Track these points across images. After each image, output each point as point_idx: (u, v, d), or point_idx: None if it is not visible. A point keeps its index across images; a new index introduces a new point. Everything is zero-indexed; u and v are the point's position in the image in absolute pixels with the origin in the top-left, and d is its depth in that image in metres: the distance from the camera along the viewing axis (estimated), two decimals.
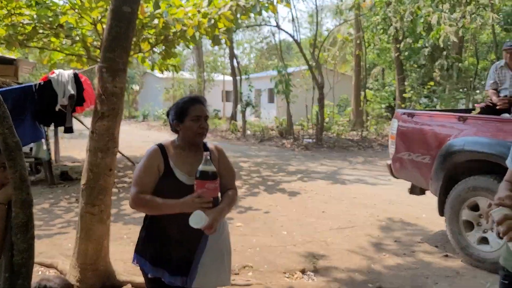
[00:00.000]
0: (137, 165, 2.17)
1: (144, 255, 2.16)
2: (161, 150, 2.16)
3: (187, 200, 1.97)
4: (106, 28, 3.28)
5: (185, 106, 2.17)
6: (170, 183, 2.09)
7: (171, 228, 2.09)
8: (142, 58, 7.83)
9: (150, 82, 28.31)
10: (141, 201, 2.06)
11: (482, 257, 3.96)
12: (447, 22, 11.06)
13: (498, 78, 5.52)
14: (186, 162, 2.15)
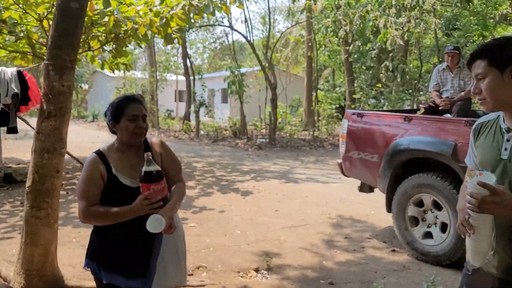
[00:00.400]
0: (79, 180, 2.07)
1: (97, 260, 2.10)
2: (100, 157, 2.08)
3: (136, 205, 1.93)
4: (53, 24, 3.17)
5: (121, 105, 2.10)
6: (116, 190, 2.04)
7: (124, 230, 2.04)
8: (92, 56, 7.58)
9: (100, 81, 27.47)
10: (92, 215, 2.00)
11: (427, 250, 4.16)
12: (394, 26, 11.50)
13: (440, 80, 5.83)
14: (128, 166, 2.09)
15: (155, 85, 19.49)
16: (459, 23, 17.88)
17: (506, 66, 1.51)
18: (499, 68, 1.51)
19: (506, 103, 1.55)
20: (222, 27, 22.04)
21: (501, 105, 1.57)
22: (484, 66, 1.54)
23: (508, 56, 1.51)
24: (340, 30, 13.16)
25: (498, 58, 1.52)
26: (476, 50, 1.59)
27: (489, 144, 1.64)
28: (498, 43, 1.56)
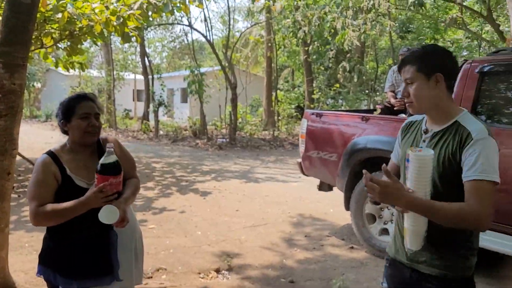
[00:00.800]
0: (30, 182, 1.99)
1: (52, 266, 2.02)
2: (52, 158, 1.99)
3: (90, 196, 1.85)
4: (2, 20, 3.03)
5: (71, 104, 2.03)
6: (70, 192, 1.96)
7: (78, 232, 1.98)
8: (45, 53, 7.30)
9: (54, 80, 26.51)
10: (43, 215, 1.90)
11: (384, 247, 4.28)
12: (351, 28, 11.78)
13: (395, 81, 6.01)
14: (82, 167, 2.03)
15: (112, 84, 19.03)
16: (412, 26, 18.53)
17: (432, 73, 1.62)
18: (426, 74, 1.63)
19: (430, 107, 1.67)
20: (181, 26, 21.79)
21: (426, 109, 1.69)
22: (413, 71, 1.65)
23: (434, 64, 1.63)
24: (299, 31, 13.34)
25: (426, 65, 1.63)
26: (406, 56, 1.70)
27: (409, 142, 1.77)
28: (427, 51, 1.68)
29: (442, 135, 1.65)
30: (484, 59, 3.84)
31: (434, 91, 1.64)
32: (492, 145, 1.58)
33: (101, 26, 6.30)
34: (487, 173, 1.53)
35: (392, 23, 13.21)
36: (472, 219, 1.51)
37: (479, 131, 1.57)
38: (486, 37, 17.08)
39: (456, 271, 1.66)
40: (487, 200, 1.52)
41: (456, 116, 1.65)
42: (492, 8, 13.01)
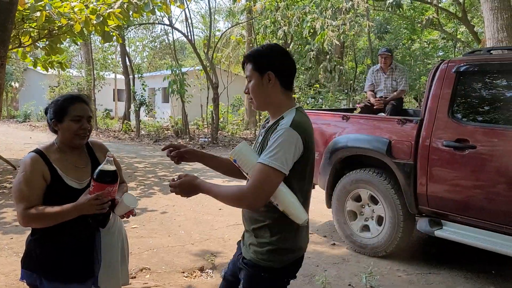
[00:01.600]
0: (17, 178, 1.93)
1: (37, 271, 1.98)
2: (41, 157, 1.96)
3: (84, 203, 1.85)
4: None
5: (65, 104, 2.01)
6: (61, 192, 1.94)
7: (69, 234, 1.97)
8: (23, 53, 7.20)
9: (33, 79, 26.01)
10: (33, 217, 1.87)
11: (364, 243, 4.37)
12: (330, 28, 11.93)
13: (375, 81, 6.12)
14: (72, 167, 2.03)
15: (92, 83, 18.79)
16: (390, 27, 18.83)
17: (265, 71, 1.72)
18: (259, 72, 1.73)
19: (267, 103, 1.79)
20: (162, 25, 21.64)
21: (264, 105, 1.80)
22: (250, 69, 1.75)
23: (267, 62, 1.72)
24: (278, 30, 13.43)
25: (260, 63, 1.73)
26: (246, 55, 1.80)
27: (258, 134, 1.90)
28: (262, 50, 1.77)
29: (271, 127, 1.75)
30: (460, 59, 3.95)
31: (267, 88, 1.74)
32: (290, 136, 1.63)
33: (80, 25, 6.25)
34: (271, 160, 1.60)
35: (371, 24, 13.40)
36: (240, 197, 1.64)
37: (285, 123, 1.67)
38: (461, 38, 17.46)
39: (263, 259, 1.75)
40: (262, 183, 1.60)
41: (285, 111, 1.75)
42: (467, 9, 13.32)
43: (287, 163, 1.62)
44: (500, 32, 5.65)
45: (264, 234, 1.76)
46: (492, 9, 5.70)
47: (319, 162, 4.71)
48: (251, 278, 1.78)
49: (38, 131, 18.48)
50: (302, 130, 1.67)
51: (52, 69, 8.26)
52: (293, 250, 1.79)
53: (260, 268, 1.75)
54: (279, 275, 1.78)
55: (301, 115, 1.74)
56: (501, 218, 3.41)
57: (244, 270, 1.80)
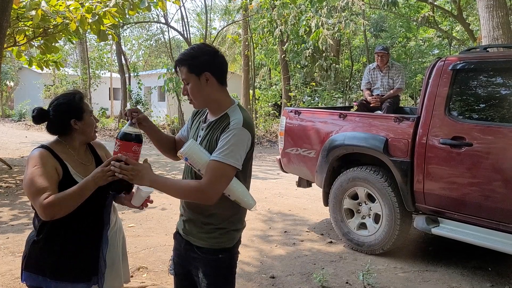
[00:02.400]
0: (28, 174, 1.87)
1: (42, 272, 1.94)
2: (51, 152, 1.94)
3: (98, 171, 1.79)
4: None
5: (78, 101, 2.04)
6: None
7: (74, 231, 1.95)
8: (18, 51, 7.16)
9: (28, 78, 25.86)
10: (55, 203, 1.78)
11: (361, 241, 4.38)
12: (325, 26, 11.93)
13: (371, 79, 6.13)
14: (80, 164, 2.03)
15: (88, 82, 18.71)
16: (386, 25, 18.84)
17: (201, 72, 1.78)
18: (196, 74, 1.79)
19: (206, 102, 1.86)
20: (158, 24, 21.58)
21: (205, 104, 1.88)
22: (186, 72, 1.80)
23: (201, 63, 1.78)
24: (275, 29, 13.43)
25: (195, 65, 1.78)
26: (178, 58, 1.83)
27: (194, 129, 1.98)
28: (193, 52, 1.81)
29: (214, 124, 1.84)
30: (457, 57, 3.97)
31: (206, 88, 1.80)
32: (242, 135, 1.76)
33: (76, 24, 6.22)
34: (227, 157, 1.71)
35: (366, 22, 13.41)
36: (197, 193, 1.73)
37: (236, 122, 1.77)
38: (456, 36, 17.51)
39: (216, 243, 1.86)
40: (218, 179, 1.72)
41: (227, 109, 1.84)
42: (463, 8, 13.35)
43: (241, 159, 1.76)
44: (495, 30, 5.66)
45: (214, 221, 1.86)
46: (488, 7, 5.71)
47: (315, 160, 4.71)
48: (210, 263, 1.87)
49: (34, 130, 18.39)
50: (251, 129, 1.81)
51: (47, 68, 8.22)
52: (241, 228, 1.96)
53: (216, 251, 1.86)
54: (233, 251, 1.94)
55: (247, 114, 1.84)
56: (498, 216, 3.43)
57: (199, 259, 1.88)
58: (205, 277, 1.86)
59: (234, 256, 1.96)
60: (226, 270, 1.91)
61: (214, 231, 1.86)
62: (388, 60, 6.03)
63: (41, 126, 20.27)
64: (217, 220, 1.86)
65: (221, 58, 1.86)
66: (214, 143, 1.79)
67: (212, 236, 1.86)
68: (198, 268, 1.89)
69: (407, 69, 17.30)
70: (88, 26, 6.31)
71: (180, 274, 2.02)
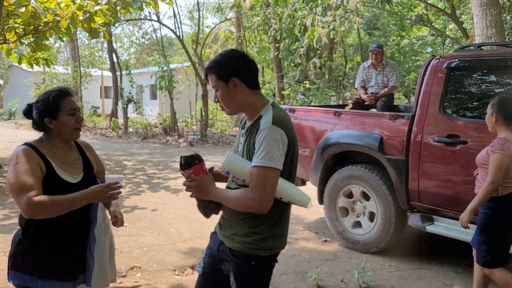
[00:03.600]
0: (12, 172, 1.86)
1: (29, 271, 1.93)
2: (34, 149, 1.93)
3: (95, 190, 1.87)
4: None
5: (57, 100, 1.98)
6: (56, 186, 1.91)
7: (62, 229, 1.94)
8: (8, 49, 7.06)
9: (17, 76, 25.61)
10: (42, 205, 1.79)
11: (356, 239, 4.37)
12: (320, 24, 11.93)
13: (366, 77, 6.12)
14: (65, 161, 2.01)
15: (79, 80, 18.56)
16: (379, 23, 18.90)
17: (228, 79, 1.77)
18: (224, 81, 1.78)
19: (238, 108, 1.85)
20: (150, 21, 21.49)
21: (237, 110, 1.86)
22: (215, 80, 1.81)
23: (228, 71, 1.78)
24: (270, 28, 13.41)
25: (222, 72, 1.78)
26: (207, 66, 1.85)
27: (238, 138, 1.97)
28: (221, 59, 1.82)
29: (251, 128, 1.82)
30: (451, 55, 3.97)
31: (236, 94, 1.79)
32: (274, 134, 1.71)
33: (67, 21, 6.14)
34: (264, 160, 1.68)
35: (360, 20, 13.43)
36: (248, 204, 1.70)
37: (266, 122, 1.73)
38: (450, 34, 17.61)
39: (250, 249, 1.81)
40: (262, 185, 1.68)
41: (261, 110, 1.81)
42: (456, 6, 13.42)
43: (279, 159, 1.70)
44: (489, 28, 5.68)
45: (251, 224, 1.80)
46: (481, 5, 5.73)
47: (310, 158, 4.69)
48: (241, 268, 1.83)
49: (24, 129, 18.22)
50: (284, 125, 1.74)
51: (37, 66, 8.12)
52: (280, 236, 1.87)
53: (248, 257, 1.81)
54: (268, 261, 1.86)
55: (278, 111, 1.80)
56: None
57: (231, 262, 1.85)
58: (236, 281, 1.84)
59: (269, 266, 1.90)
60: (257, 278, 1.87)
61: (249, 236, 1.81)
62: (383, 58, 6.02)
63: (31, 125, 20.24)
64: (253, 223, 1.80)
65: (249, 62, 1.84)
66: (252, 148, 1.76)
67: (247, 240, 1.81)
68: (230, 271, 1.87)
69: (401, 68, 17.37)
70: (79, 24, 6.23)
71: (208, 274, 2.01)
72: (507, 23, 10.62)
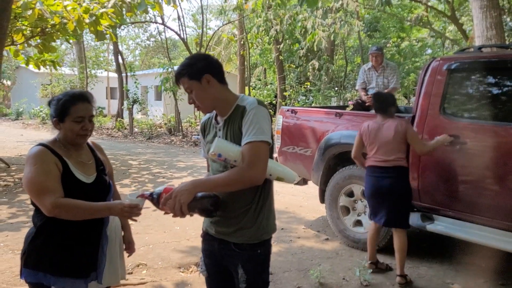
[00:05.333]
0: (29, 172, 1.88)
1: (43, 268, 1.95)
2: (49, 150, 1.95)
3: (117, 206, 1.90)
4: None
5: (67, 104, 1.97)
6: (71, 185, 1.94)
7: (76, 227, 1.96)
8: (15, 51, 7.17)
9: (24, 77, 25.81)
10: (67, 207, 1.85)
11: (357, 238, 4.44)
12: (321, 27, 12.01)
13: (366, 79, 6.18)
14: (79, 161, 2.04)
15: (85, 81, 18.70)
16: (379, 25, 18.92)
17: (201, 76, 1.85)
18: (197, 79, 1.86)
19: (214, 103, 1.91)
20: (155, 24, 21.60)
21: (213, 106, 1.93)
22: (187, 81, 1.87)
23: (198, 69, 1.86)
24: (271, 29, 13.48)
25: (193, 72, 1.86)
26: (177, 71, 1.91)
27: (211, 136, 2.00)
28: (189, 61, 1.90)
29: (229, 118, 1.89)
30: (452, 57, 4.02)
31: (210, 90, 1.87)
32: (262, 112, 1.82)
33: (73, 24, 6.24)
34: (258, 135, 1.76)
35: (360, 23, 13.48)
36: (243, 177, 1.75)
37: (251, 103, 1.84)
38: (449, 36, 17.62)
39: (256, 237, 1.91)
40: (258, 157, 1.76)
41: (235, 101, 1.90)
42: (456, 8, 13.45)
43: (268, 134, 1.81)
44: (489, 30, 5.74)
45: (253, 214, 1.89)
46: (481, 7, 5.78)
47: (312, 158, 4.77)
48: (248, 259, 1.91)
49: (31, 129, 18.38)
50: (266, 107, 1.88)
51: (44, 68, 8.24)
52: (274, 216, 2.01)
53: (254, 246, 1.91)
54: (269, 243, 1.99)
55: (256, 98, 1.91)
56: (491, 213, 3.49)
57: (237, 255, 1.92)
58: (245, 272, 1.90)
59: (270, 247, 2.01)
60: (264, 263, 1.97)
61: (252, 225, 1.89)
62: (383, 60, 6.08)
63: (38, 125, 20.17)
64: (255, 213, 1.89)
65: (215, 59, 1.95)
66: (238, 131, 1.83)
67: (251, 230, 1.89)
68: (238, 264, 1.92)
69: (401, 69, 17.40)
70: (86, 26, 6.33)
71: (213, 274, 2.06)
72: (507, 25, 10.66)
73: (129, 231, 2.40)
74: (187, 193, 1.72)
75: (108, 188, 2.15)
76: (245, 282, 1.90)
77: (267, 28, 13.88)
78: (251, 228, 1.90)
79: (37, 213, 1.98)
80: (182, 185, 1.76)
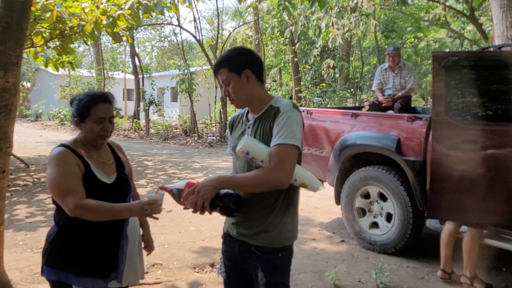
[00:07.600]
0: (52, 173, 1.91)
1: (64, 266, 1.98)
2: (71, 150, 1.98)
3: (137, 206, 1.92)
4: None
5: (88, 105, 2.00)
6: (92, 186, 1.96)
7: (95, 227, 1.97)
8: (35, 53, 7.29)
9: (44, 79, 26.28)
10: (90, 208, 1.87)
11: (374, 240, 4.39)
12: (335, 26, 11.96)
13: (383, 79, 6.12)
14: (100, 162, 2.06)
15: (102, 83, 18.95)
16: (395, 26, 18.75)
17: (241, 71, 1.84)
18: (236, 73, 1.84)
19: (248, 99, 1.89)
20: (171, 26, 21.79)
21: (247, 101, 1.91)
22: (227, 73, 1.85)
23: (240, 63, 1.85)
24: (285, 30, 13.47)
25: (235, 65, 1.84)
26: (217, 61, 1.90)
27: (239, 133, 1.99)
28: (232, 53, 1.90)
29: (261, 117, 1.88)
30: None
31: (247, 85, 1.86)
32: (296, 116, 1.80)
33: (91, 25, 6.31)
34: (289, 138, 1.74)
35: (376, 22, 13.36)
36: (269, 178, 1.72)
37: (286, 105, 1.82)
38: (468, 36, 17.35)
39: (277, 241, 1.88)
40: (285, 160, 1.73)
41: (269, 101, 1.89)
42: (474, 8, 13.23)
43: (299, 139, 1.78)
44: (509, 29, 5.61)
45: (275, 217, 1.86)
46: (501, 7, 5.66)
47: (327, 159, 4.73)
48: (269, 262, 1.89)
49: (50, 130, 18.69)
50: (300, 111, 1.85)
51: (63, 69, 8.36)
52: (296, 222, 1.97)
53: (276, 250, 1.88)
54: (291, 249, 1.97)
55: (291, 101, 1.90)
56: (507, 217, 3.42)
57: (258, 258, 1.89)
58: (265, 275, 1.88)
59: (292, 253, 1.99)
60: (285, 268, 1.95)
61: (274, 228, 1.86)
62: (400, 60, 6.02)
63: (57, 126, 20.47)
64: (278, 215, 1.86)
65: (257, 56, 1.94)
66: (268, 131, 1.81)
67: (273, 234, 1.87)
68: (258, 267, 1.90)
69: (418, 70, 17.20)
70: (103, 28, 6.39)
71: (232, 275, 2.05)
72: None
73: (148, 230, 2.41)
74: (211, 189, 1.70)
75: (128, 188, 2.17)
76: (264, 285, 1.88)
77: (282, 29, 13.86)
78: (273, 232, 1.87)
79: (59, 211, 2.01)
80: (207, 180, 1.73)
